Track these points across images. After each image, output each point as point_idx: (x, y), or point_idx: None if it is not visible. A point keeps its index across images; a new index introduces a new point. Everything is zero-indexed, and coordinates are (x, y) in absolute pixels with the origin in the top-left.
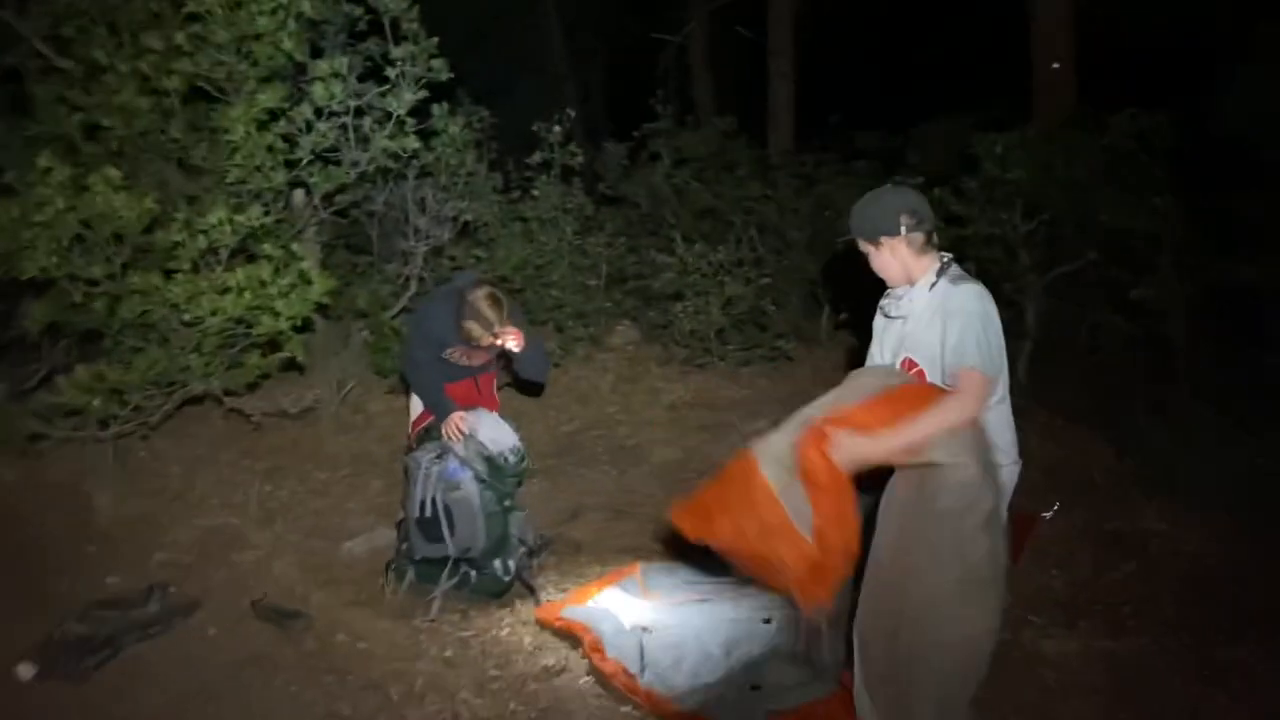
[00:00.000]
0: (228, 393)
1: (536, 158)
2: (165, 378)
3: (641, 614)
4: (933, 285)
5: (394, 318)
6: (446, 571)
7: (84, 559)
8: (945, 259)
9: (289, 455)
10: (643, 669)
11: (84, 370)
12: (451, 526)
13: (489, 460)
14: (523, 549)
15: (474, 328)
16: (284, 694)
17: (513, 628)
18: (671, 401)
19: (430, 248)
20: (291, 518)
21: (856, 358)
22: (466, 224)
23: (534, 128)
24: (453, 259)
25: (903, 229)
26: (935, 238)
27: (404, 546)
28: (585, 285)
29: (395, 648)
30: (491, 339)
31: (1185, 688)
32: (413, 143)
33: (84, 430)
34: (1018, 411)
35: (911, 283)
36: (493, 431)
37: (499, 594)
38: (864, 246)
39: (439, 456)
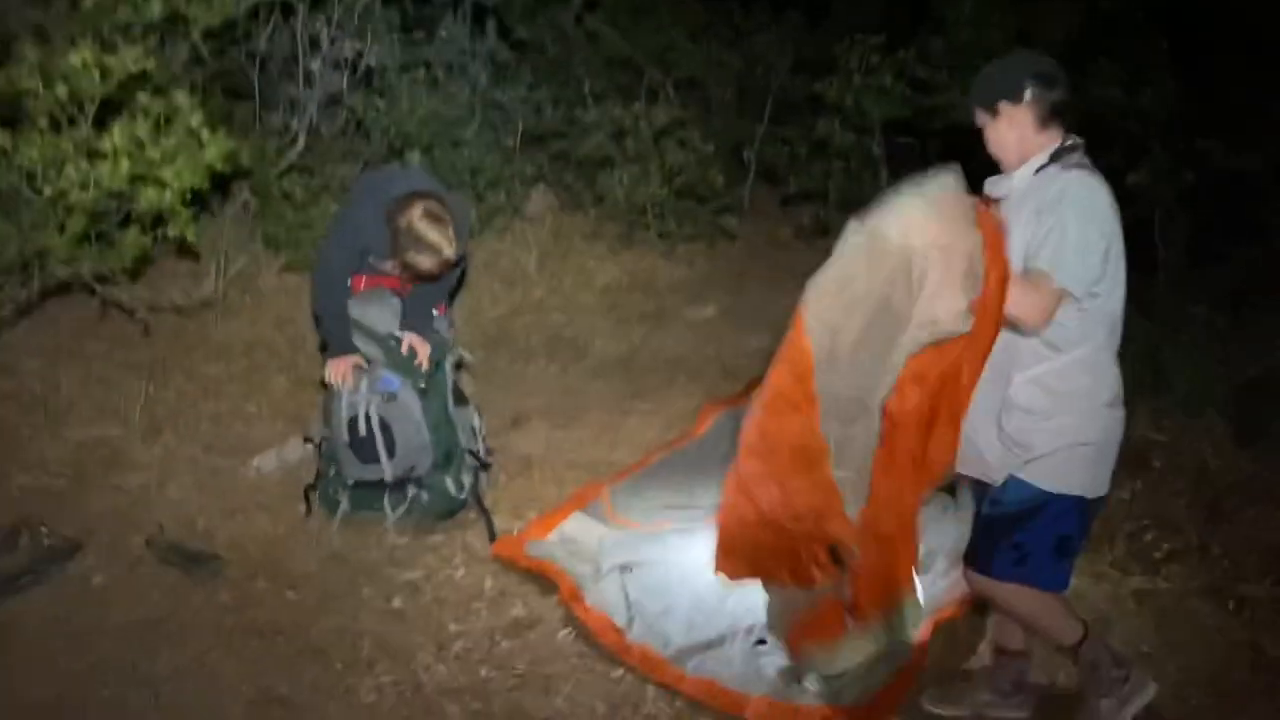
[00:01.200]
0: (100, 279)
1: None
2: (17, 261)
3: (617, 548)
4: (1041, 167)
5: (281, 176)
6: (389, 497)
7: None
8: (1070, 141)
9: (170, 347)
10: (630, 620)
11: None
12: (391, 445)
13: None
14: (473, 462)
15: (421, 260)
16: (199, 670)
17: (468, 566)
18: (606, 284)
19: (326, 96)
20: (182, 426)
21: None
22: (370, 70)
23: None
24: (351, 110)
25: (1027, 94)
26: (1067, 117)
27: (331, 470)
28: (500, 145)
29: (331, 598)
30: (444, 263)
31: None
32: None
33: None
34: None
35: (1023, 163)
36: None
37: (451, 514)
38: (981, 119)
39: (366, 364)
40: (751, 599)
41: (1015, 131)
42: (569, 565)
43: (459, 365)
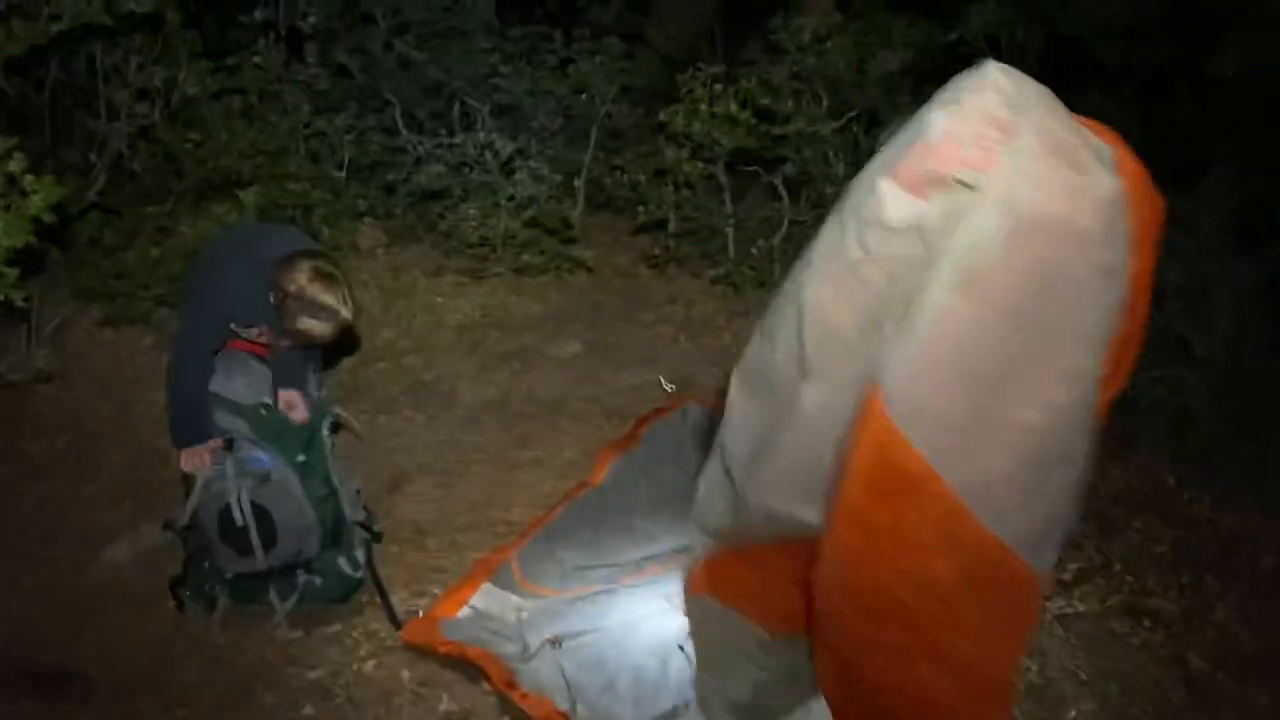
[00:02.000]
0: None
1: (257, 15)
2: None
3: (539, 619)
4: None
5: (81, 216)
6: (275, 587)
7: None
8: None
9: None
10: (573, 704)
11: None
12: (271, 533)
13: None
14: (364, 534)
15: (316, 326)
16: None
17: (378, 657)
18: (460, 322)
19: (135, 129)
20: (12, 520)
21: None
22: (190, 100)
23: None
24: (164, 144)
25: None
26: None
27: (204, 563)
28: (329, 177)
29: (229, 711)
30: (341, 326)
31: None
32: None
33: None
34: None
35: None
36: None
37: (348, 596)
38: None
39: (228, 446)
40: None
41: None
42: (493, 646)
43: (336, 428)
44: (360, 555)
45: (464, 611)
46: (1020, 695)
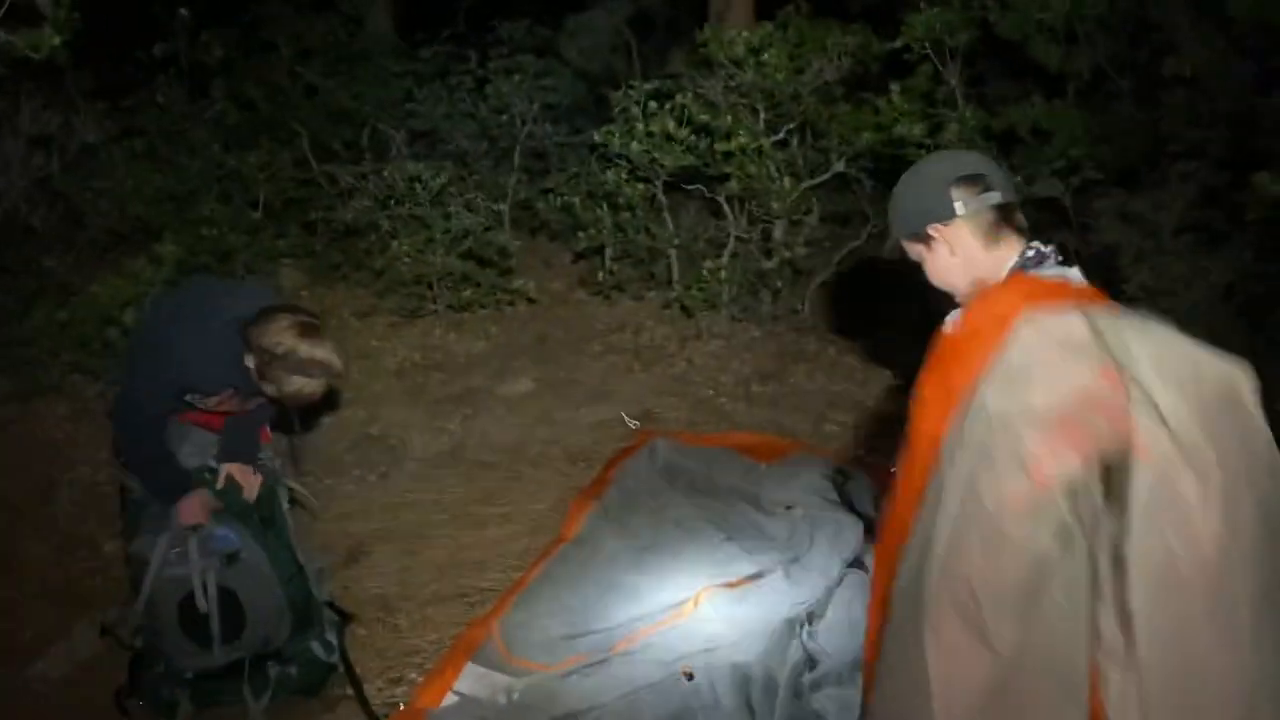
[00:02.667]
0: None
1: (156, 51)
2: None
3: (533, 700)
4: None
5: None
6: (248, 683)
7: None
8: (1031, 253)
9: None
10: None
11: None
12: (239, 620)
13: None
14: (332, 615)
15: (309, 385)
16: None
17: None
18: (398, 365)
19: (33, 181)
20: None
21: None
22: (89, 146)
23: None
24: (64, 196)
25: (958, 206)
26: (1019, 217)
27: (159, 665)
28: (245, 218)
29: None
30: (335, 380)
31: None
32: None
33: None
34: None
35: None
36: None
37: (322, 684)
38: (913, 252)
39: (193, 527)
40: None
41: (960, 254)
42: None
43: (291, 501)
44: (332, 638)
45: (449, 699)
46: None
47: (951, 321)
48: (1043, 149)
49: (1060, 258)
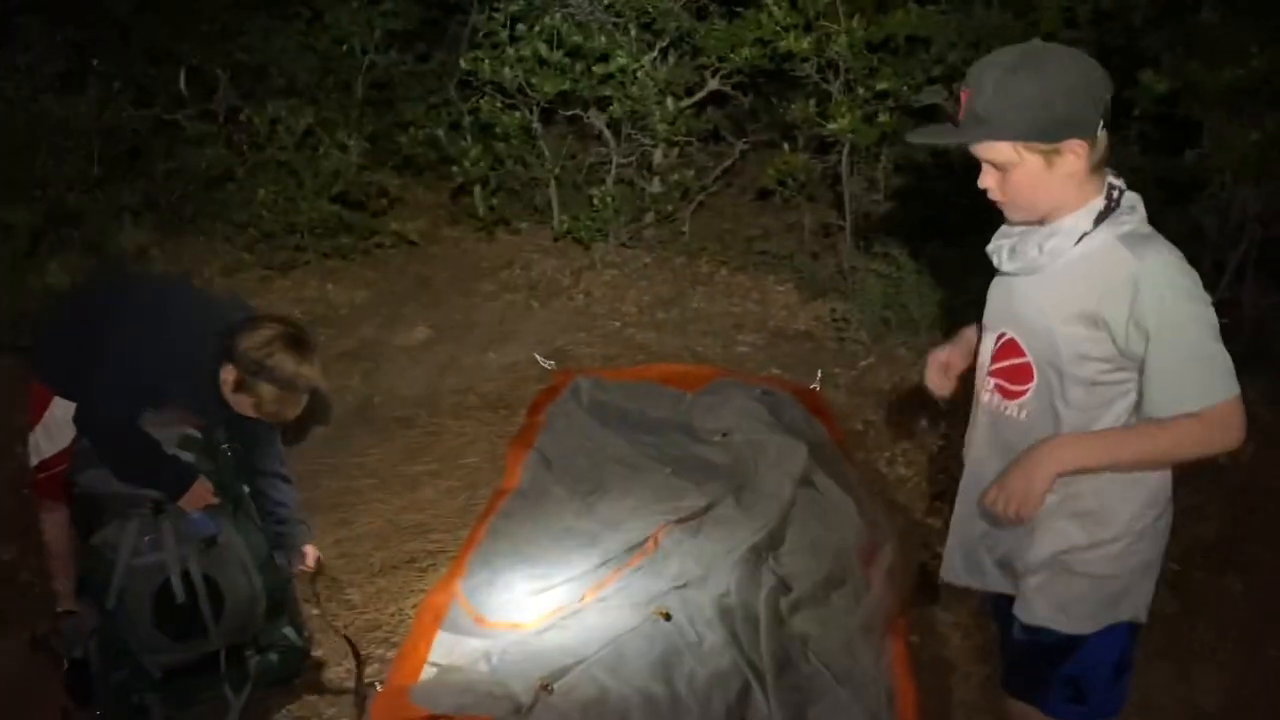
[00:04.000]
0: None
1: None
2: None
3: (515, 661)
4: (1083, 235)
5: None
6: (228, 677)
7: None
8: (1117, 189)
9: None
10: None
11: None
12: (220, 606)
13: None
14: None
15: (291, 406)
16: None
17: None
18: None
19: None
20: None
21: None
22: None
23: None
24: None
25: (1100, 126)
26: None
27: (123, 669)
28: (86, 174)
29: None
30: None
31: None
32: None
33: None
34: None
35: (1049, 220)
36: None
37: (299, 672)
38: (1004, 157)
39: (155, 510)
40: (703, 674)
41: (1070, 179)
42: (481, 710)
43: None
44: (300, 623)
45: (427, 671)
46: None
47: (1004, 248)
48: (919, 56)
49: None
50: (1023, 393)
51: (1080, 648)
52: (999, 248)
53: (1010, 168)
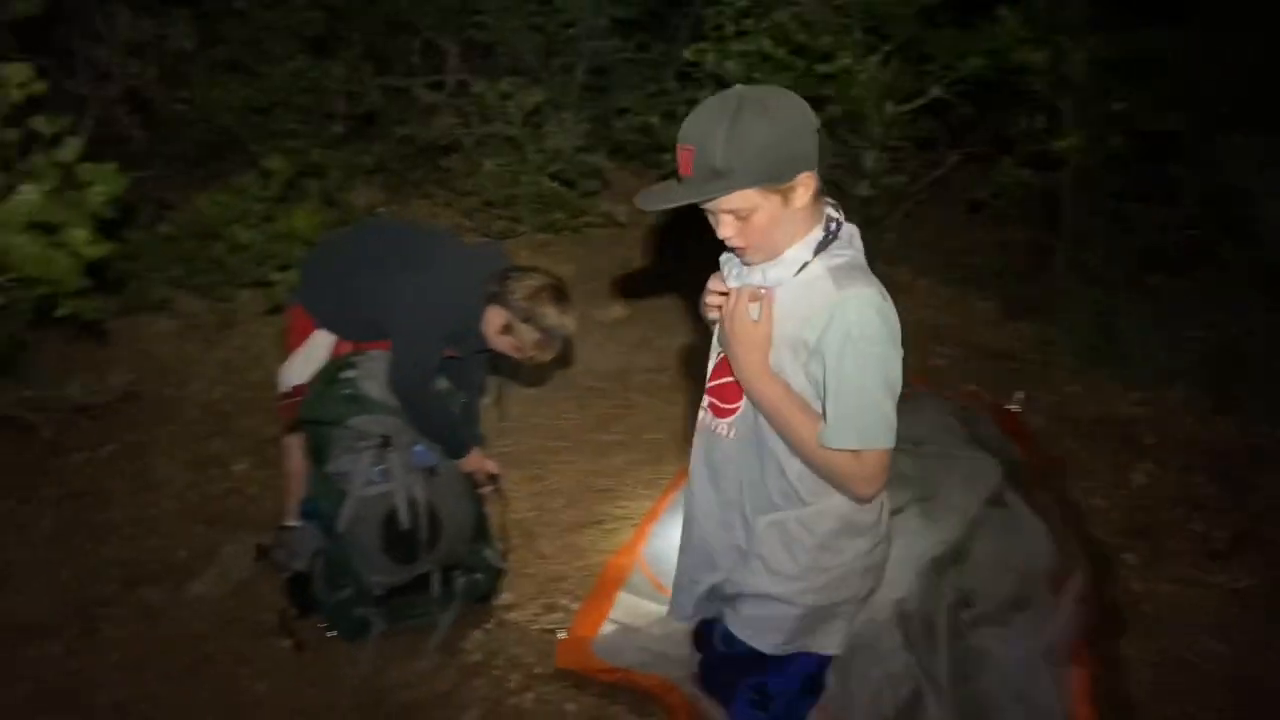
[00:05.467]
0: None
1: None
2: None
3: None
4: (804, 265)
5: None
6: (438, 592)
7: None
8: (835, 220)
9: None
10: None
11: None
12: (438, 532)
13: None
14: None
15: (547, 349)
16: None
17: (534, 690)
18: None
19: (125, 89)
20: (79, 550)
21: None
22: (185, 54)
23: None
24: (150, 102)
25: (817, 160)
26: None
27: (345, 588)
28: (330, 132)
29: None
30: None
31: None
32: None
33: None
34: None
35: (777, 255)
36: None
37: (494, 591)
38: (748, 204)
39: (384, 444)
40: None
41: (801, 211)
42: (660, 669)
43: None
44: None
45: (608, 628)
46: None
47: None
48: (1156, 79)
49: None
50: (732, 411)
51: (775, 665)
52: (729, 262)
53: (751, 213)
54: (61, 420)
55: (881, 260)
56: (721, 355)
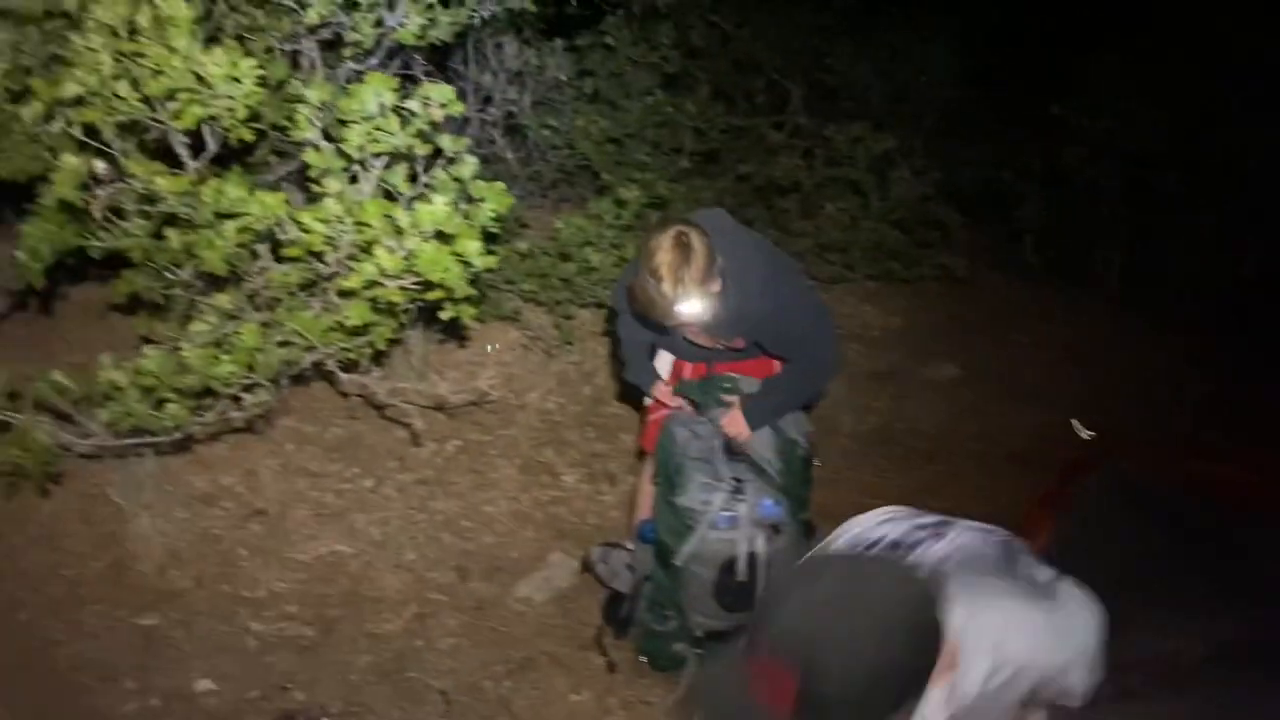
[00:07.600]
0: (345, 367)
1: None
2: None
3: None
4: None
5: None
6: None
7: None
8: None
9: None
10: None
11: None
12: (754, 590)
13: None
14: None
15: (656, 298)
16: None
17: None
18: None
19: (503, 115)
20: (424, 541)
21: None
22: (558, 84)
23: None
24: (522, 129)
25: None
26: None
27: (668, 620)
28: (676, 165)
29: None
30: (682, 322)
31: None
32: None
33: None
34: None
35: None
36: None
37: None
38: None
39: (736, 490)
40: None
41: None
42: None
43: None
44: None
45: None
46: None
47: None
48: None
49: None
50: None
51: None
52: None
53: None
54: (420, 413)
55: None
56: None
